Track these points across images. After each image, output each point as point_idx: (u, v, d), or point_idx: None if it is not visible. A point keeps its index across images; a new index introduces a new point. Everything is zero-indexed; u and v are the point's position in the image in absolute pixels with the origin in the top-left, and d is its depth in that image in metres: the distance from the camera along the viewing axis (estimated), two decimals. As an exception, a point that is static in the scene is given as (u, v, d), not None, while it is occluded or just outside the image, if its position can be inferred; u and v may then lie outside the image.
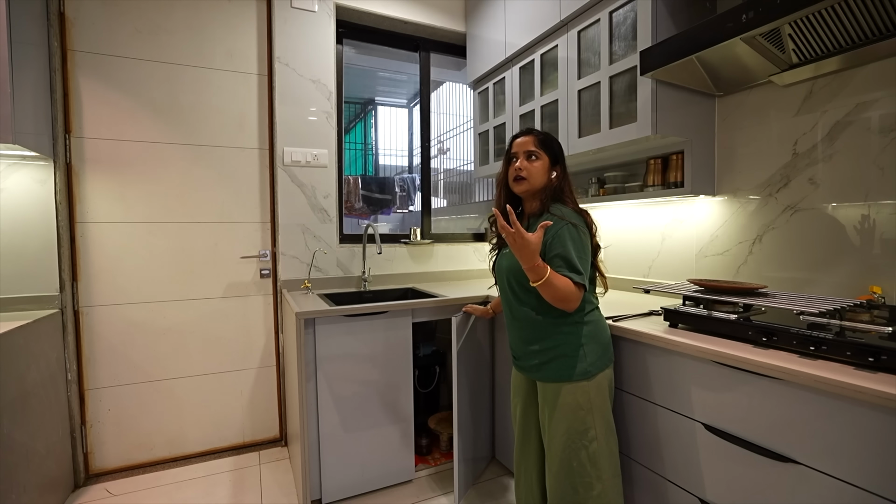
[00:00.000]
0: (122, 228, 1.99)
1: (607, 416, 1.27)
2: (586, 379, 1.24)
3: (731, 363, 1.06)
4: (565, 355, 1.24)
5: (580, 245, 1.21)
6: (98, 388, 1.97)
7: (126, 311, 2.01)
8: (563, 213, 1.25)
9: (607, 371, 1.28)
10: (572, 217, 1.25)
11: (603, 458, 1.24)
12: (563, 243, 1.20)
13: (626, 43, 1.64)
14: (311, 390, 1.72)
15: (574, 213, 1.27)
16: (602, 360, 1.27)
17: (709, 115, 1.68)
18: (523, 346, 1.34)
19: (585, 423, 1.23)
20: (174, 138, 2.07)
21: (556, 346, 1.26)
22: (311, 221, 2.28)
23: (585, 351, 1.24)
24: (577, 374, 1.23)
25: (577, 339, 1.24)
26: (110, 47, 1.94)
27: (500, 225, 1.14)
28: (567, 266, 1.18)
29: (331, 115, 2.32)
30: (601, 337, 1.28)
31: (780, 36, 1.26)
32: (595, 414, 1.24)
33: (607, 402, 1.27)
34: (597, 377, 1.25)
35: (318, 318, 1.70)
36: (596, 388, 1.24)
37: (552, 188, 1.31)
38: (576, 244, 1.21)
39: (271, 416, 2.31)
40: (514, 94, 2.24)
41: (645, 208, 2.01)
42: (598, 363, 1.25)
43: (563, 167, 1.36)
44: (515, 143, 1.37)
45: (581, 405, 1.24)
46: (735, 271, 1.64)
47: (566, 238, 1.20)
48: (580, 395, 1.24)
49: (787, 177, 1.48)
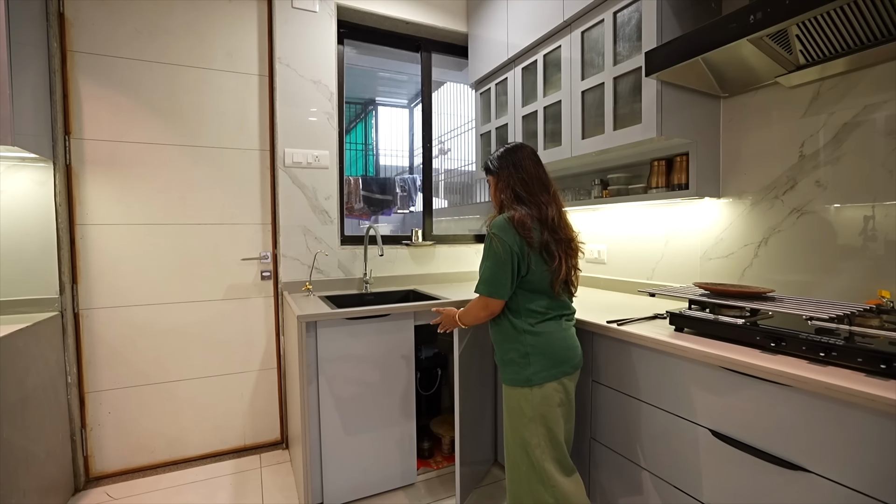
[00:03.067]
0: (122, 230, 1.98)
1: (552, 428, 1.29)
2: (528, 386, 1.28)
3: (739, 369, 1.05)
4: (512, 361, 1.32)
5: (492, 253, 1.28)
6: (98, 390, 1.96)
7: (126, 313, 1.99)
8: (493, 224, 1.31)
9: (556, 384, 1.30)
10: (497, 226, 1.30)
11: (546, 470, 1.27)
12: (483, 255, 1.32)
13: (630, 44, 1.63)
14: (312, 393, 1.71)
15: (500, 221, 1.30)
16: (550, 371, 1.29)
17: (714, 116, 1.66)
18: (498, 351, 1.43)
19: (528, 431, 1.29)
20: (174, 139, 2.06)
21: (506, 351, 1.35)
22: (312, 223, 2.26)
23: (531, 360, 1.29)
24: (520, 379, 1.30)
25: (523, 348, 1.30)
26: (110, 48, 1.93)
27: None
28: (479, 280, 1.31)
29: (332, 115, 2.30)
30: (552, 349, 1.30)
31: (788, 37, 1.25)
32: (537, 423, 1.28)
33: (554, 414, 1.29)
34: (543, 387, 1.28)
35: (320, 321, 1.69)
36: (541, 397, 1.28)
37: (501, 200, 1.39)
38: (487, 255, 1.30)
39: (272, 418, 2.29)
40: (517, 94, 2.23)
41: (648, 210, 1.99)
42: (544, 374, 1.28)
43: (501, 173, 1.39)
44: None
45: (524, 412, 1.29)
46: (740, 274, 1.63)
47: (484, 249, 1.32)
48: (523, 401, 1.29)
49: (793, 179, 1.46)
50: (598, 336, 1.49)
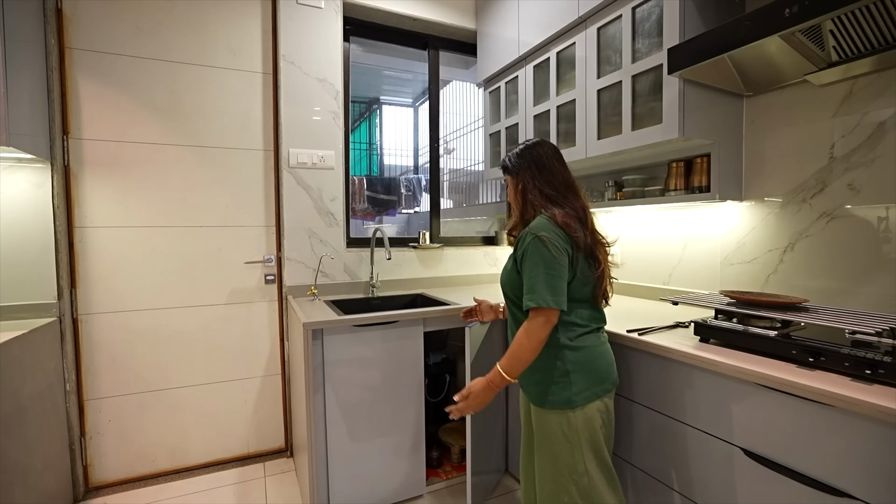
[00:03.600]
0: (122, 233, 1.92)
1: (600, 451, 1.18)
2: (570, 408, 1.16)
3: (778, 387, 0.98)
4: (551, 380, 1.18)
5: (544, 260, 1.12)
6: (98, 398, 1.90)
7: (127, 318, 1.94)
8: (535, 225, 1.17)
9: (599, 403, 1.18)
10: (542, 227, 1.15)
11: (598, 496, 1.16)
12: (530, 260, 1.14)
13: (650, 40, 1.56)
14: (318, 402, 1.65)
15: (542, 222, 1.17)
16: (592, 390, 1.17)
17: (736, 116, 1.60)
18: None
19: (574, 458, 1.16)
20: (176, 139, 2.00)
21: (542, 369, 1.20)
22: (317, 225, 2.20)
23: (572, 378, 1.16)
24: (560, 401, 1.16)
25: (563, 365, 1.17)
26: (110, 45, 1.87)
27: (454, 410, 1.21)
28: (531, 289, 1.13)
29: (338, 114, 2.24)
30: (593, 365, 1.19)
31: (822, 32, 1.18)
32: (584, 448, 1.16)
33: (598, 437, 1.18)
34: (586, 408, 1.16)
35: (327, 328, 1.63)
36: (584, 420, 1.16)
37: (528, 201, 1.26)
38: (539, 261, 1.13)
39: (276, 425, 2.24)
40: (528, 93, 2.16)
41: (665, 213, 1.93)
42: (587, 393, 1.16)
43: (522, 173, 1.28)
44: None
45: (567, 437, 1.16)
46: (764, 281, 1.56)
47: (532, 253, 1.14)
48: (565, 425, 1.16)
49: (822, 182, 1.40)
50: (616, 346, 1.42)
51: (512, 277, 1.25)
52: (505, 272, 1.30)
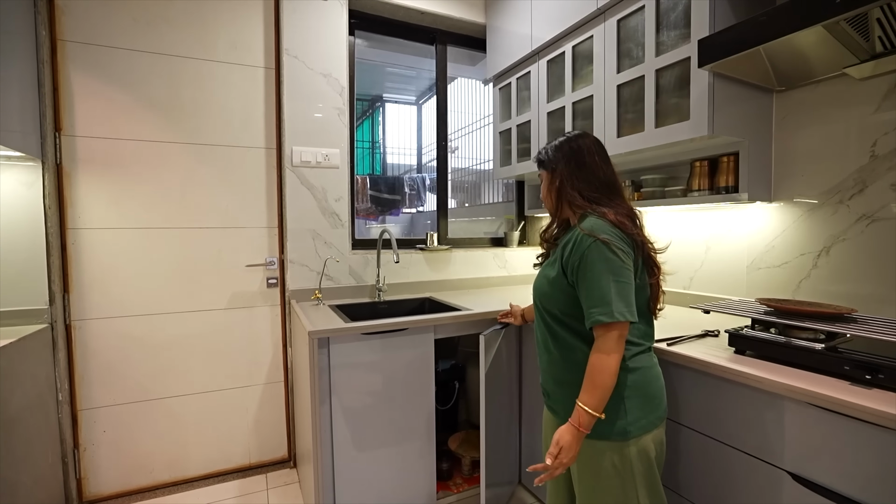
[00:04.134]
0: (117, 235, 1.83)
1: (655, 486, 1.05)
2: (624, 439, 1.02)
3: (835, 408, 0.89)
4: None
5: (612, 266, 0.98)
6: (92, 408, 1.82)
7: (122, 324, 1.85)
8: (593, 227, 1.02)
9: (656, 433, 1.06)
10: (601, 229, 1.01)
11: None
12: (593, 266, 0.98)
13: (677, 32, 1.48)
14: (324, 413, 1.57)
15: (603, 224, 1.03)
16: (649, 418, 1.04)
17: (765, 112, 1.51)
18: (555, 385, 1.14)
19: (626, 495, 1.03)
20: (174, 137, 1.91)
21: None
22: (321, 226, 2.12)
23: (627, 405, 1.03)
24: (614, 432, 1.02)
25: (618, 390, 1.02)
26: (105, 38, 1.78)
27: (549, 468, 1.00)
28: (597, 298, 0.97)
29: (343, 111, 2.15)
30: (650, 389, 1.06)
31: (868, 21, 1.10)
32: (638, 483, 1.03)
33: (654, 471, 1.05)
34: (641, 439, 1.03)
35: (333, 336, 1.55)
36: (638, 452, 1.03)
37: (564, 198, 1.13)
38: (606, 267, 0.98)
39: (279, 435, 2.15)
40: (542, 89, 2.08)
41: (686, 214, 1.85)
42: (643, 422, 1.03)
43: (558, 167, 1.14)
44: None
45: (619, 471, 1.02)
46: (796, 286, 1.48)
47: (595, 259, 0.99)
48: (618, 458, 1.02)
49: (862, 182, 1.31)
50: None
51: (557, 289, 1.08)
52: (545, 282, 1.13)
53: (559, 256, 1.09)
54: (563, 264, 1.07)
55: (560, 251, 1.09)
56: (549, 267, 1.14)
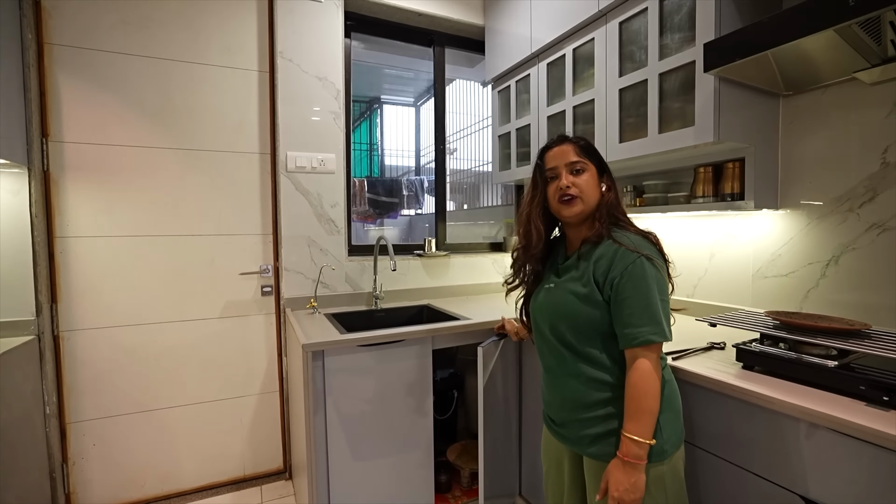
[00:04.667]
0: (107, 243, 1.79)
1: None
2: (661, 461, 0.95)
3: (853, 433, 0.85)
4: None
5: (661, 284, 0.95)
6: (81, 420, 1.77)
7: (113, 334, 1.80)
8: (634, 243, 0.98)
9: (682, 449, 1.02)
10: (644, 246, 0.98)
11: None
12: (638, 284, 0.93)
13: (681, 35, 1.44)
14: (319, 425, 1.52)
15: (644, 241, 1.00)
16: (679, 433, 1.00)
17: (772, 117, 1.47)
18: (571, 411, 1.04)
19: None
20: (166, 142, 1.86)
21: (622, 413, 0.95)
22: (317, 233, 2.07)
23: (661, 422, 0.94)
24: (651, 454, 0.93)
25: None
26: (94, 41, 1.73)
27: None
28: (646, 315, 0.92)
29: (338, 115, 2.11)
30: (676, 403, 1.02)
31: (880, 24, 1.06)
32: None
33: (684, 490, 1.00)
34: (672, 458, 0.97)
35: (328, 349, 1.50)
36: (671, 473, 0.97)
37: (607, 205, 1.06)
38: (654, 285, 0.94)
39: (274, 446, 2.11)
40: (542, 93, 2.03)
41: (689, 221, 1.80)
42: (675, 439, 0.98)
43: (610, 173, 1.11)
44: (549, 155, 1.09)
45: (653, 495, 0.94)
46: (803, 296, 1.44)
47: (642, 276, 0.93)
48: (652, 483, 0.94)
49: (873, 189, 1.27)
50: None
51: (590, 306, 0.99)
52: (571, 299, 1.01)
53: (589, 272, 1.00)
54: (596, 280, 0.99)
55: (591, 266, 1.01)
56: (570, 283, 1.04)
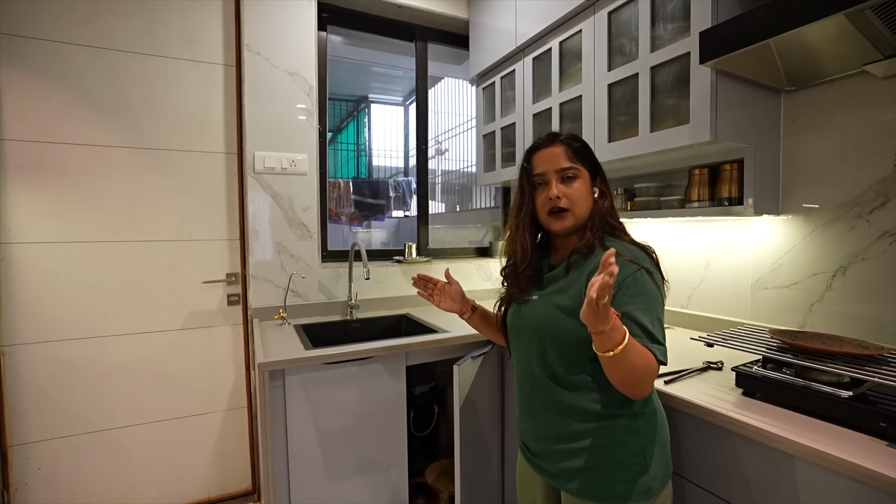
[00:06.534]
0: (55, 250, 1.65)
1: None
2: (647, 500, 0.85)
3: (871, 483, 0.72)
4: (618, 462, 0.86)
5: (659, 302, 0.85)
6: (25, 443, 1.63)
7: (60, 349, 1.66)
8: (632, 254, 0.88)
9: (669, 486, 0.91)
10: (643, 259, 0.88)
11: None
12: (637, 299, 0.83)
13: (675, 25, 1.32)
14: (279, 448, 1.39)
15: (643, 253, 0.90)
16: (666, 469, 0.91)
17: (774, 114, 1.35)
18: (549, 441, 0.93)
19: None
20: (120, 140, 1.72)
21: (606, 446, 0.87)
22: (287, 238, 1.94)
23: (646, 455, 0.86)
24: (636, 492, 0.84)
25: (636, 441, 0.86)
26: (38, 29, 1.60)
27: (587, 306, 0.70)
28: (644, 334, 0.81)
29: (311, 113, 1.98)
30: (663, 434, 0.92)
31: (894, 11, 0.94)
32: None
33: None
34: (660, 497, 0.88)
35: (289, 368, 1.37)
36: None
37: (600, 213, 0.95)
38: (654, 301, 0.84)
39: (242, 465, 1.97)
40: (527, 89, 1.91)
41: (683, 227, 1.68)
42: (662, 475, 0.88)
43: (604, 176, 1.00)
44: (537, 158, 0.97)
45: None
46: (807, 309, 1.32)
47: (641, 291, 0.83)
48: None
49: (885, 194, 1.15)
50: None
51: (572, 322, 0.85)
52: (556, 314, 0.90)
53: (580, 284, 0.88)
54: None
55: (582, 278, 0.88)
56: (555, 296, 0.92)
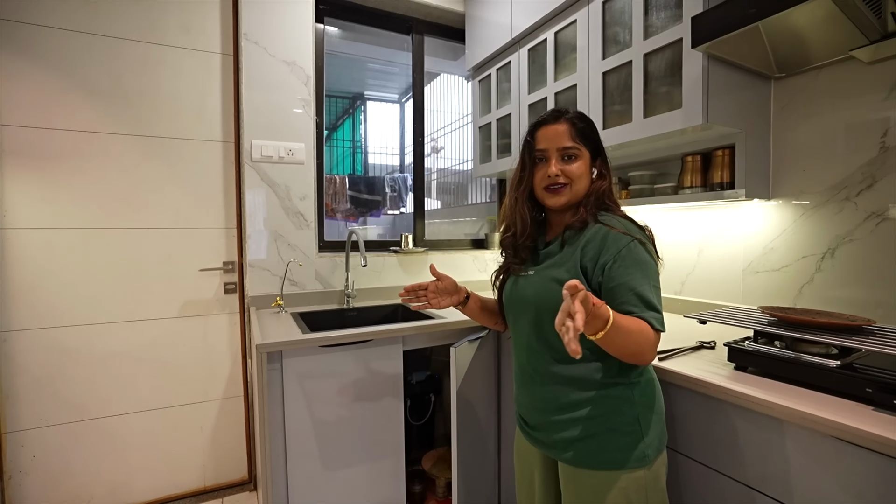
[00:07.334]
0: (50, 236, 1.64)
1: None
2: (643, 467, 0.87)
3: (865, 444, 0.74)
4: (614, 430, 0.87)
5: (653, 271, 0.87)
6: (19, 430, 1.62)
7: (55, 335, 1.66)
8: (625, 226, 0.90)
9: (664, 454, 0.93)
10: (636, 231, 0.90)
11: None
12: (632, 269, 0.84)
13: (667, 12, 1.34)
14: (276, 433, 1.39)
15: (635, 226, 0.92)
16: (662, 436, 0.92)
17: (763, 100, 1.38)
18: (546, 413, 0.94)
19: None
20: (117, 128, 1.73)
21: (602, 415, 0.88)
22: (284, 227, 1.94)
23: (642, 423, 0.87)
24: (632, 459, 0.86)
25: (632, 409, 0.88)
26: (35, 15, 1.60)
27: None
28: (641, 302, 0.83)
29: (309, 103, 1.99)
30: (658, 404, 0.94)
31: (881, -6, 0.97)
32: None
33: (666, 499, 0.92)
34: (655, 464, 0.89)
35: (287, 350, 1.38)
36: (654, 480, 0.88)
37: (596, 193, 0.96)
38: (648, 270, 0.86)
39: (238, 455, 1.97)
40: (522, 80, 1.93)
41: (677, 214, 1.71)
42: (658, 442, 0.90)
43: (605, 158, 1.03)
44: (541, 134, 0.98)
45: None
46: (797, 292, 1.35)
47: (636, 261, 0.85)
48: (633, 491, 0.86)
49: (871, 176, 1.18)
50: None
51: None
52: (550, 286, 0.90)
53: (575, 258, 0.90)
54: (584, 266, 0.89)
55: (577, 252, 0.90)
56: (552, 270, 0.93)
